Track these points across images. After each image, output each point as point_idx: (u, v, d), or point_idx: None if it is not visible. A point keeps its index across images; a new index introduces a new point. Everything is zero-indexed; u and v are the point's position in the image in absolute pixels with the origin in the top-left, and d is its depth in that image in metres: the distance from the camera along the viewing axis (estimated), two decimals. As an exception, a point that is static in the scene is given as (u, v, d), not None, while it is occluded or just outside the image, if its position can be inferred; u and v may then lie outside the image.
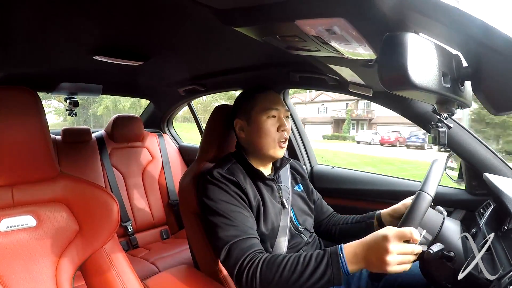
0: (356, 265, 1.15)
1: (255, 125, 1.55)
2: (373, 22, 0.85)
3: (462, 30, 0.75)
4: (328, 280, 1.16)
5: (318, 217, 1.85)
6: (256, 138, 1.56)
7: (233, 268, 1.32)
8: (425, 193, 1.18)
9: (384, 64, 0.74)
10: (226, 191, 1.45)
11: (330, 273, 1.16)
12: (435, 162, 1.30)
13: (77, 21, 1.42)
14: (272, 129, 1.54)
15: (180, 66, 2.40)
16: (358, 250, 1.16)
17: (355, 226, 1.74)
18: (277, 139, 1.54)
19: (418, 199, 1.18)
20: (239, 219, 1.39)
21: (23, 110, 1.14)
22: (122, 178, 3.08)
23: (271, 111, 1.54)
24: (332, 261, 1.17)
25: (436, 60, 0.76)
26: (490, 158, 1.65)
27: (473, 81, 0.83)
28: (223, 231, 1.37)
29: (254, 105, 1.57)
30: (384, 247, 1.10)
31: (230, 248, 1.34)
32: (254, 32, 1.20)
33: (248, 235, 1.37)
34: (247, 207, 1.47)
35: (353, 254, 1.16)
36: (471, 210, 1.76)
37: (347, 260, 1.16)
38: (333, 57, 1.27)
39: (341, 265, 1.15)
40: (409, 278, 1.54)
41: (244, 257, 1.31)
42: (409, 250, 1.09)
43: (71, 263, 1.26)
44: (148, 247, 2.96)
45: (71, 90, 2.97)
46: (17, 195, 1.20)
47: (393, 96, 1.65)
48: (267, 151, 1.55)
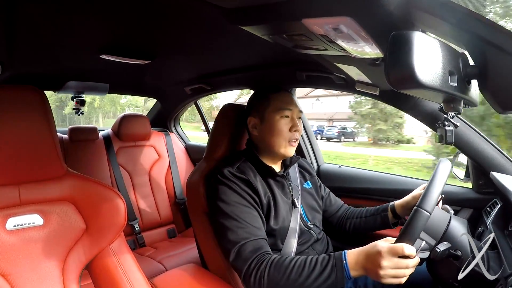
0: (357, 271, 1.20)
1: (268, 124, 1.57)
2: (380, 21, 0.85)
3: (469, 29, 0.75)
4: (332, 283, 1.21)
5: (330, 212, 1.88)
6: (269, 137, 1.58)
7: (241, 269, 1.35)
8: (422, 209, 1.16)
9: (391, 63, 0.74)
10: (237, 191, 1.47)
11: (334, 277, 1.20)
12: (442, 162, 1.29)
13: (84, 20, 1.42)
14: (285, 128, 1.56)
15: (187, 65, 2.41)
16: (359, 258, 1.20)
17: (369, 219, 1.77)
18: (288, 138, 1.56)
19: (415, 215, 1.16)
20: (248, 220, 1.42)
21: (30, 109, 1.15)
22: (128, 177, 3.09)
23: (284, 111, 1.57)
24: (336, 265, 1.22)
25: (442, 59, 0.75)
26: (497, 156, 1.64)
27: (480, 79, 0.83)
28: (233, 234, 1.40)
29: (268, 105, 1.58)
30: (377, 262, 1.13)
31: (239, 249, 1.37)
32: (261, 31, 1.20)
33: (257, 236, 1.40)
34: (257, 206, 1.49)
35: (355, 261, 1.21)
36: (478, 208, 1.76)
37: (349, 266, 1.20)
38: (340, 56, 1.26)
39: (345, 270, 1.20)
40: (415, 276, 1.53)
41: (252, 259, 1.34)
42: (403, 265, 1.12)
43: (78, 262, 1.27)
44: (155, 245, 2.96)
45: (78, 89, 2.97)
46: (24, 193, 1.20)
47: (400, 95, 1.65)
48: (278, 149, 1.58)
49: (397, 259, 1.11)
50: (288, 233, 1.56)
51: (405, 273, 1.13)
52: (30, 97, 1.16)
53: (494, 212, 1.52)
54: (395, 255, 1.12)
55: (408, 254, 1.11)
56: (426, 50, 0.72)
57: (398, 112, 19.28)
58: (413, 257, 1.12)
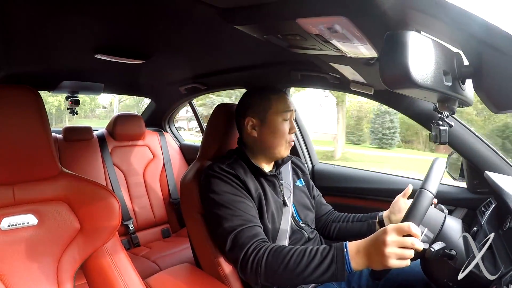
0: (359, 262, 1.17)
1: (271, 126, 1.58)
2: (375, 21, 0.85)
3: (464, 29, 0.75)
4: (332, 274, 1.18)
5: (317, 214, 1.86)
6: (270, 138, 1.59)
7: (238, 257, 1.35)
8: (426, 190, 1.18)
9: (386, 63, 0.74)
10: (228, 182, 1.48)
11: (334, 268, 1.18)
12: (436, 161, 1.30)
13: (78, 19, 1.42)
14: (286, 130, 1.58)
15: (182, 64, 2.40)
16: (361, 247, 1.18)
17: (355, 225, 1.75)
18: (288, 140, 1.59)
19: (420, 196, 1.18)
20: (242, 209, 1.42)
21: (24, 108, 1.14)
22: (123, 176, 3.08)
23: (287, 114, 1.58)
24: (337, 256, 1.19)
25: (437, 59, 0.76)
26: (492, 156, 1.65)
27: (475, 79, 0.83)
28: (228, 222, 1.40)
29: (269, 107, 1.58)
30: (382, 240, 1.11)
31: (235, 236, 1.37)
32: (256, 30, 1.20)
33: (253, 223, 1.40)
34: (249, 197, 1.49)
35: (356, 251, 1.18)
36: (472, 208, 1.76)
37: (350, 257, 1.17)
38: (335, 56, 1.26)
39: (346, 261, 1.17)
40: (410, 277, 1.54)
41: (249, 245, 1.34)
42: (409, 243, 1.09)
43: (73, 262, 1.26)
44: (149, 245, 2.96)
45: (73, 89, 2.97)
46: (19, 193, 1.20)
47: (394, 94, 1.65)
48: (279, 151, 1.60)
49: (403, 237, 1.10)
50: (279, 232, 1.55)
51: (410, 253, 1.10)
52: (24, 97, 1.15)
53: (489, 211, 1.53)
54: (401, 233, 1.10)
55: (414, 232, 1.09)
56: (420, 49, 0.72)
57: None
58: (418, 237, 1.11)
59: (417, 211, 1.16)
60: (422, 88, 0.72)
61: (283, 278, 1.26)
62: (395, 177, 2.23)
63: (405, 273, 1.56)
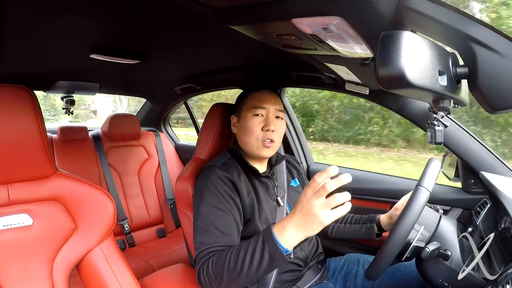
0: (292, 235, 1.10)
1: (242, 122, 1.58)
2: (370, 21, 0.85)
3: (459, 29, 0.75)
4: (270, 257, 1.13)
5: None
6: (241, 135, 1.58)
7: (196, 270, 1.34)
8: (422, 187, 1.19)
9: (381, 63, 0.74)
10: (215, 194, 1.43)
11: (268, 249, 1.13)
12: (432, 161, 1.30)
13: (73, 19, 1.41)
14: (257, 127, 1.54)
15: (177, 64, 2.40)
16: (286, 221, 1.11)
17: (354, 227, 1.74)
18: (260, 138, 1.53)
19: (416, 192, 1.19)
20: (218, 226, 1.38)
21: (19, 108, 1.14)
22: (118, 176, 3.08)
23: (257, 110, 1.55)
24: (266, 237, 1.14)
25: (432, 59, 0.76)
26: (487, 156, 1.65)
27: (470, 79, 0.84)
28: (200, 236, 1.38)
29: (245, 103, 1.59)
30: (302, 204, 1.06)
31: (199, 252, 1.34)
32: (251, 30, 1.19)
33: (220, 244, 1.35)
34: (236, 208, 1.45)
35: (281, 227, 1.12)
36: (467, 208, 1.76)
37: (279, 234, 1.12)
38: (330, 56, 1.26)
39: (276, 240, 1.11)
40: (405, 276, 1.54)
41: (203, 260, 1.31)
42: (324, 191, 1.01)
43: (67, 262, 1.26)
44: (144, 245, 2.96)
45: (68, 89, 2.96)
46: (13, 193, 1.19)
47: (389, 94, 1.66)
48: (251, 149, 1.56)
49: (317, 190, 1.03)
50: None
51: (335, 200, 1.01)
52: (19, 97, 1.14)
53: (484, 212, 1.53)
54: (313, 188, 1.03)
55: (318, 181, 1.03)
56: (415, 49, 0.72)
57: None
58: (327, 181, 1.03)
59: (414, 207, 1.17)
60: (417, 88, 0.72)
61: (233, 281, 1.22)
62: (393, 177, 2.22)
63: (400, 272, 1.56)
